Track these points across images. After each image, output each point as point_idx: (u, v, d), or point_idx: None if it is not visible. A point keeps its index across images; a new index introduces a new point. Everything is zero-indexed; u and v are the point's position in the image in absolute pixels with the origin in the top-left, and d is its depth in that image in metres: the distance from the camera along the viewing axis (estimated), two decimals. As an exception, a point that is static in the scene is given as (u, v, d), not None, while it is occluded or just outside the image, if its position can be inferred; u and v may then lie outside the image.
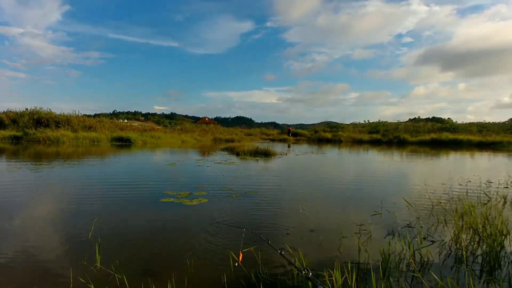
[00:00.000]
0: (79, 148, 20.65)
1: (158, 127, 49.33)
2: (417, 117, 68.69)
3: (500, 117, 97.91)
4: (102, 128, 30.71)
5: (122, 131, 31.55)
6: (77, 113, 33.07)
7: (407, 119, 65.31)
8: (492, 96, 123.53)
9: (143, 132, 32.54)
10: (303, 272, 2.74)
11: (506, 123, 53.19)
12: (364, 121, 60.74)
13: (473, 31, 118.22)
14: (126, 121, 61.22)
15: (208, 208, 6.17)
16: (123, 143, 25.88)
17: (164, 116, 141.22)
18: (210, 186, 8.47)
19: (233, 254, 3.63)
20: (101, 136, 26.63)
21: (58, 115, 30.58)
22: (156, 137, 29.76)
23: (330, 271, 3.03)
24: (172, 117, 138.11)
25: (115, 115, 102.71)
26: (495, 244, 3.81)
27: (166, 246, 4.22)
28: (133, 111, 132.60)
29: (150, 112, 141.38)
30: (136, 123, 51.45)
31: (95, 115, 43.47)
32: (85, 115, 35.81)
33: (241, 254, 3.32)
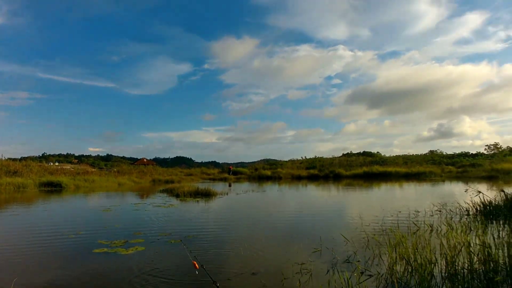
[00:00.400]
0: (2, 195, 18.73)
1: (93, 169, 46.60)
2: (349, 152, 72.20)
3: (421, 150, 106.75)
4: (29, 173, 28.24)
5: (52, 175, 29.26)
6: (0, 157, 30.33)
7: (341, 154, 68.37)
8: (413, 131, 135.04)
9: (76, 175, 30.45)
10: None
11: (427, 154, 58.04)
12: (302, 157, 62.50)
13: (392, 74, 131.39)
14: (57, 164, 57.25)
15: (144, 257, 5.80)
16: (53, 188, 23.96)
17: (99, 158, 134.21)
18: (148, 232, 8.04)
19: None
20: (28, 182, 24.42)
21: (-23, 160, 27.77)
22: (90, 181, 27.99)
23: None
24: (108, 158, 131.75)
25: (45, 158, 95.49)
26: (426, 274, 3.98)
27: (97, 304, 3.85)
28: (65, 153, 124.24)
29: (84, 154, 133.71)
30: (68, 166, 48.27)
31: (22, 159, 40.16)
32: (10, 159, 32.94)
33: (195, 263, 3.24)
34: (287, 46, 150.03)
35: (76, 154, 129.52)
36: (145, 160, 74.13)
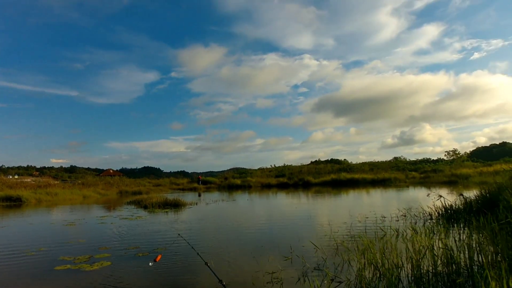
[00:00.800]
0: (-46, 213, 17.57)
1: (56, 182, 44.71)
2: (317, 160, 73.30)
3: (386, 156, 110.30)
4: (-15, 187, 26.76)
5: (11, 189, 27.83)
6: (-47, 171, 28.54)
7: (309, 162, 69.29)
8: (378, 138, 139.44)
9: (37, 188, 29.08)
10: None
11: (391, 161, 59.90)
12: (271, 165, 62.70)
13: (357, 83, 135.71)
14: (16, 177, 54.60)
15: (110, 272, 5.59)
16: (12, 203, 22.74)
17: (62, 169, 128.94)
18: (115, 246, 7.78)
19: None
20: (-16, 197, 23.11)
21: None
22: (53, 194, 26.81)
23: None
24: (72, 170, 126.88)
25: (3, 171, 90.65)
26: (393, 278, 4.06)
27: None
28: (25, 165, 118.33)
29: (46, 166, 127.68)
30: (29, 179, 46.11)
31: (-23, 173, 37.99)
32: (-36, 173, 31.11)
33: (159, 256, 3.17)
34: (254, 55, 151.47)
35: (38, 166, 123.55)
36: (111, 171, 71.98)
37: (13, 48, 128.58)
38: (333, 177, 40.62)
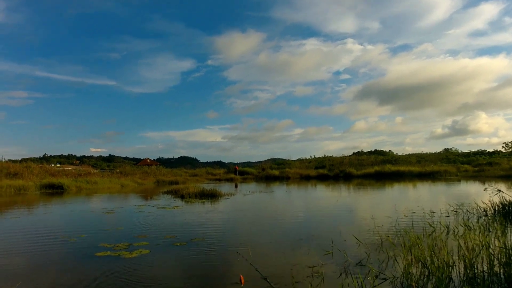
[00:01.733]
0: (2, 198, 18.92)
1: (95, 171, 46.96)
2: (360, 151, 72.13)
3: (435, 148, 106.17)
4: (29, 175, 28.49)
5: (53, 177, 29.50)
6: (0, 158, 30.67)
7: (351, 153, 68.30)
8: (426, 128, 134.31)
9: (77, 177, 30.66)
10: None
11: (441, 152, 57.69)
12: (310, 156, 62.44)
13: (404, 68, 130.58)
14: (58, 165, 57.74)
15: (149, 260, 5.81)
16: (54, 191, 24.15)
17: (101, 158, 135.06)
18: (152, 234, 8.07)
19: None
20: (29, 184, 24.63)
21: (-24, 162, 28.08)
22: (93, 182, 28.15)
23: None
24: (110, 159, 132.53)
25: (46, 159, 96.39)
26: (443, 277, 3.94)
27: (101, 309, 3.86)
28: (66, 154, 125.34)
29: (86, 155, 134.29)
30: (70, 168, 48.63)
31: (22, 160, 40.57)
32: (10, 160, 33.39)
33: (242, 277, 3.23)
34: (294, 40, 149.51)
35: (78, 155, 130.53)
36: (148, 160, 74.41)
37: (53, 39, 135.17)
38: (377, 169, 39.74)
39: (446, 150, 60.02)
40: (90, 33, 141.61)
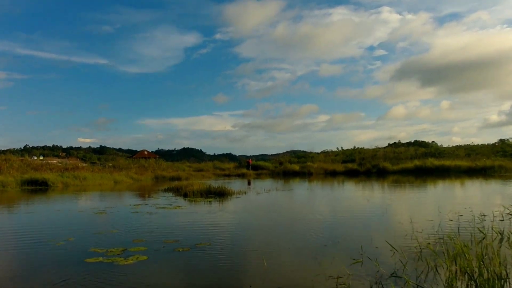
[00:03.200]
0: (-22, 197, 19.46)
1: (84, 164, 47.74)
2: (397, 142, 71.47)
3: (489, 138, 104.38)
4: (9, 169, 29.16)
5: (36, 171, 30.14)
6: (-26, 151, 31.36)
7: (386, 144, 67.75)
8: (478, 114, 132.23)
9: (64, 171, 31.23)
10: None
11: (496, 144, 56.65)
12: (337, 148, 62.19)
13: (452, 42, 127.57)
14: (41, 158, 58.84)
15: (147, 268, 5.93)
16: (37, 187, 24.70)
17: (91, 150, 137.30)
18: (151, 238, 8.21)
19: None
20: (8, 179, 25.24)
21: None
22: (81, 178, 28.63)
23: None
24: (102, 151, 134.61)
25: (27, 151, 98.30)
26: (494, 292, 3.93)
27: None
28: (50, 145, 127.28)
29: (73, 146, 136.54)
30: (55, 161, 49.55)
31: (0, 152, 41.49)
32: (-15, 152, 34.09)
33: None
34: (318, 9, 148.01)
35: (64, 146, 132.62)
36: (145, 152, 75.13)
37: (35, 12, 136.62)
38: (417, 163, 39.41)
39: (502, 141, 58.80)
40: (78, 4, 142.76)
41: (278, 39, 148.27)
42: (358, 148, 59.29)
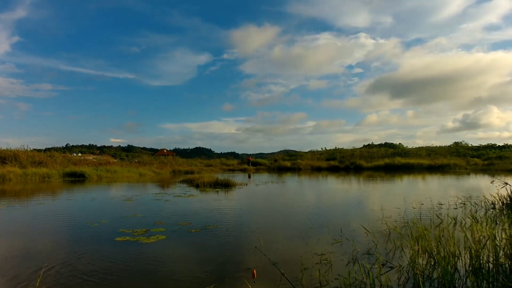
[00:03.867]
0: (28, 185, 19.43)
1: (115, 160, 47.66)
2: (370, 143, 71.38)
3: (445, 141, 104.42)
4: (53, 163, 29.12)
5: (75, 165, 30.13)
6: (26, 148, 31.33)
7: (362, 145, 67.67)
8: (437, 121, 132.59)
9: (98, 166, 31.20)
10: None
11: (451, 146, 56.70)
12: (322, 148, 62.29)
13: (417, 62, 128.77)
14: (80, 155, 58.68)
15: (166, 246, 5.94)
16: (76, 179, 24.67)
17: (120, 149, 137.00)
18: (169, 221, 8.20)
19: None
20: (52, 172, 25.24)
21: (4, 150, 28.73)
22: (112, 171, 28.63)
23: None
24: (129, 149, 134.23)
25: (68, 149, 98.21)
26: (449, 267, 3.93)
27: (121, 290, 3.97)
28: (87, 144, 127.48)
29: (106, 145, 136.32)
30: (90, 157, 49.40)
31: (46, 150, 41.43)
32: (35, 149, 34.08)
33: (255, 271, 3.29)
34: (308, 34, 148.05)
35: (98, 145, 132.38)
36: (165, 151, 75.16)
37: (75, 34, 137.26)
38: (387, 161, 39.54)
39: (456, 143, 58.91)
40: (111, 28, 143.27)
41: (275, 59, 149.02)
42: (339, 148, 59.35)
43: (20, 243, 6.24)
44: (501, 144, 54.43)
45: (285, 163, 44.75)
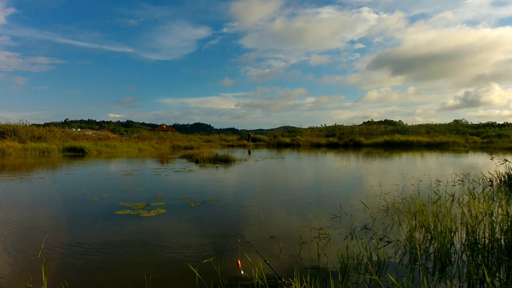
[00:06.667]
0: (28, 160, 19.48)
1: (114, 135, 47.52)
2: (370, 120, 71.36)
3: (445, 119, 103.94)
4: (52, 138, 29.11)
5: (74, 140, 30.12)
6: (24, 122, 31.23)
7: (361, 122, 67.68)
8: (438, 99, 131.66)
9: (97, 141, 31.18)
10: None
11: (451, 124, 56.67)
12: (321, 125, 62.13)
13: (420, 37, 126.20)
14: (79, 130, 58.51)
15: (166, 219, 6.00)
16: (76, 153, 24.70)
17: (120, 124, 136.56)
18: (169, 195, 8.26)
19: (192, 266, 3.54)
20: (52, 147, 25.25)
21: (3, 125, 28.67)
22: (112, 146, 28.63)
23: (290, 279, 3.01)
24: (128, 125, 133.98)
25: (67, 124, 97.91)
26: (445, 241, 3.99)
27: (122, 262, 4.03)
28: (86, 119, 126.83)
29: (105, 120, 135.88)
30: (90, 132, 49.37)
31: (45, 125, 41.22)
32: (34, 124, 33.94)
33: (239, 262, 3.29)
34: (309, 8, 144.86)
35: (97, 120, 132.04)
36: (164, 126, 75.07)
37: (72, 6, 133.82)
38: (386, 138, 39.57)
39: (456, 121, 58.85)
40: (108, 0, 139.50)
41: (276, 33, 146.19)
42: (338, 125, 59.17)
43: (21, 217, 6.29)
44: (501, 122, 54.52)
45: (285, 139, 44.77)
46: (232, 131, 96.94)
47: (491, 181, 9.73)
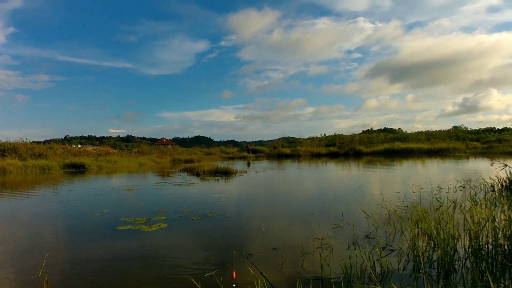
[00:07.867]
0: (28, 177, 19.44)
1: (114, 150, 47.52)
2: (370, 129, 71.32)
3: (445, 125, 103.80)
4: (53, 155, 29.10)
5: (75, 157, 30.10)
6: (25, 140, 31.26)
7: (361, 131, 67.62)
8: (437, 105, 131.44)
9: (98, 156, 31.18)
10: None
11: (450, 130, 56.71)
12: (321, 134, 62.11)
13: (417, 45, 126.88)
14: (79, 146, 58.51)
15: (167, 234, 5.97)
16: (76, 170, 24.67)
17: (120, 139, 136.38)
18: (170, 209, 8.23)
19: (194, 280, 3.51)
20: (52, 163, 25.22)
21: (4, 143, 28.68)
22: (112, 161, 28.63)
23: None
24: (128, 139, 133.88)
25: (68, 140, 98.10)
26: (449, 249, 3.96)
27: (123, 278, 4.01)
28: (86, 135, 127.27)
29: (105, 136, 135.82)
30: (90, 148, 49.34)
31: (45, 142, 41.27)
32: (35, 141, 33.93)
33: (234, 272, 3.29)
34: (306, 19, 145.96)
35: (98, 136, 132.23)
36: (164, 140, 75.08)
37: (72, 23, 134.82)
38: (386, 146, 39.60)
39: (455, 127, 58.88)
40: (107, 16, 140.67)
41: (273, 45, 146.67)
42: (338, 134, 59.18)
43: (23, 233, 6.26)
44: (500, 127, 54.53)
45: (285, 150, 44.78)
46: (232, 143, 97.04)
47: (492, 186, 9.71)
